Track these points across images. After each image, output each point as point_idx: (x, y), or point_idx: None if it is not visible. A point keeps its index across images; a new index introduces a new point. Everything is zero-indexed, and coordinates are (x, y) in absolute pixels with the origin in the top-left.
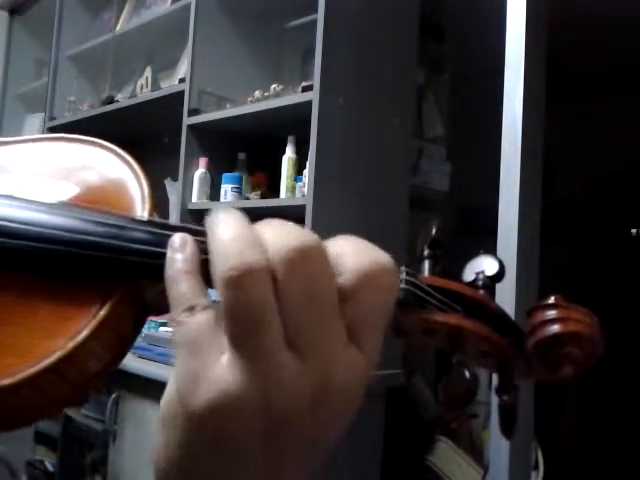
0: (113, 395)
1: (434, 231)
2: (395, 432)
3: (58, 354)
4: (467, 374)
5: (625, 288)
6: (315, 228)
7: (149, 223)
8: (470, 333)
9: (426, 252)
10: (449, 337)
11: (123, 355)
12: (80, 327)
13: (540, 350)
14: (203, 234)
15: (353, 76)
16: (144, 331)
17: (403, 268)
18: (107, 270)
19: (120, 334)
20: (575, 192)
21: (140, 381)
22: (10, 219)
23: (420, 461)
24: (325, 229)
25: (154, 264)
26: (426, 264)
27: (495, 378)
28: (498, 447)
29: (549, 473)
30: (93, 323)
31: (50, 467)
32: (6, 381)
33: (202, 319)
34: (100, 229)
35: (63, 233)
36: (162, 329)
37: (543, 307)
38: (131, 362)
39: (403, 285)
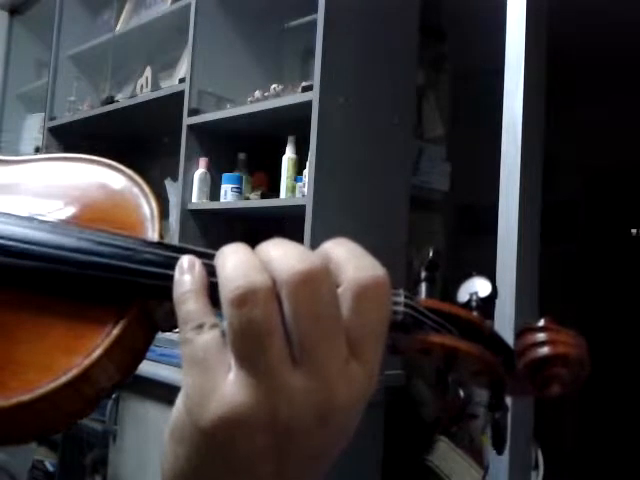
0: (113, 395)
1: (431, 254)
2: (395, 432)
3: (75, 371)
4: (462, 394)
5: (625, 288)
6: (315, 228)
7: (159, 245)
8: (464, 353)
9: (423, 274)
10: (444, 357)
11: (133, 371)
12: (95, 345)
13: (530, 370)
14: (210, 256)
15: (353, 76)
16: None
17: (401, 291)
18: (120, 291)
19: (132, 351)
20: (575, 192)
21: (140, 381)
22: (27, 240)
23: (420, 461)
24: (325, 229)
25: (164, 285)
26: (423, 286)
27: (487, 395)
28: None
29: (549, 473)
30: (107, 341)
31: (50, 467)
32: (25, 397)
33: (210, 337)
34: (112, 251)
35: (77, 255)
36: None
37: (533, 330)
38: None
39: (402, 308)
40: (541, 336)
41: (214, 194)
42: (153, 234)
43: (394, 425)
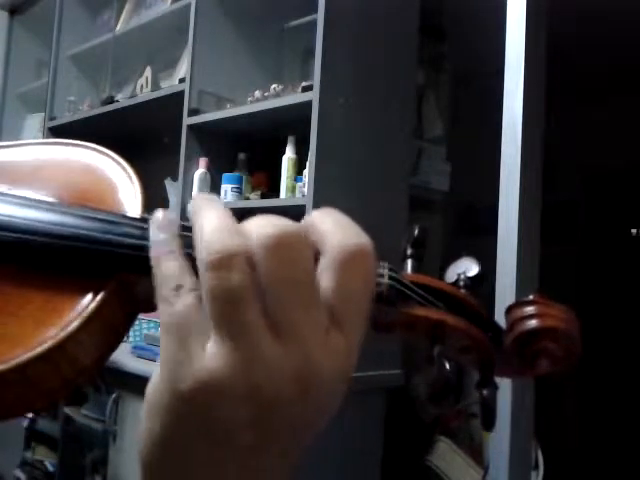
0: (113, 395)
1: (416, 231)
2: (395, 432)
3: (50, 343)
4: (447, 366)
5: (625, 288)
6: None
7: (140, 220)
8: (451, 328)
9: (409, 251)
10: (430, 332)
11: (112, 350)
12: (72, 318)
13: (518, 345)
14: (189, 229)
15: (353, 76)
16: (144, 331)
17: (386, 264)
18: (99, 263)
19: (111, 327)
20: (575, 192)
21: (140, 381)
22: (8, 215)
23: (420, 461)
24: None
25: (144, 257)
26: (409, 263)
27: (476, 374)
28: (498, 447)
29: (549, 473)
30: (85, 314)
31: (50, 467)
32: None
33: (189, 303)
34: (92, 224)
35: (56, 227)
36: None
37: (521, 304)
38: (131, 362)
39: (386, 280)
40: (529, 309)
41: (214, 194)
42: (136, 212)
43: (394, 425)
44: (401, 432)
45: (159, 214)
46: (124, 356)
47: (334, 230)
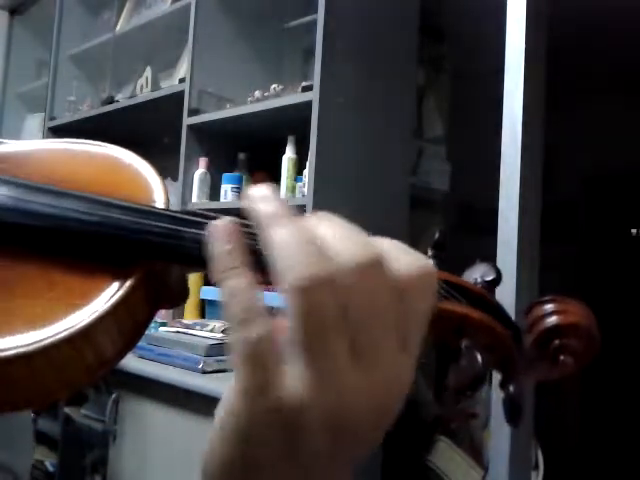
0: (113, 395)
1: (437, 235)
2: (395, 432)
3: (76, 327)
4: (478, 357)
5: (625, 288)
6: None
7: (168, 210)
8: (475, 322)
9: (430, 253)
10: (456, 326)
11: (133, 344)
12: (101, 302)
13: (540, 344)
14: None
15: (353, 76)
16: None
17: None
18: (128, 250)
19: (135, 317)
20: (575, 192)
21: (140, 381)
22: (37, 202)
23: (420, 461)
24: None
25: (173, 245)
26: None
27: (497, 375)
28: (498, 447)
29: (549, 473)
30: (112, 301)
31: (50, 467)
32: (21, 350)
33: (264, 328)
34: (120, 212)
35: (87, 216)
36: (162, 329)
37: (541, 302)
38: (131, 362)
39: None
40: (549, 307)
41: (214, 194)
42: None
43: (394, 425)
44: (401, 432)
45: (218, 222)
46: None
47: (398, 253)
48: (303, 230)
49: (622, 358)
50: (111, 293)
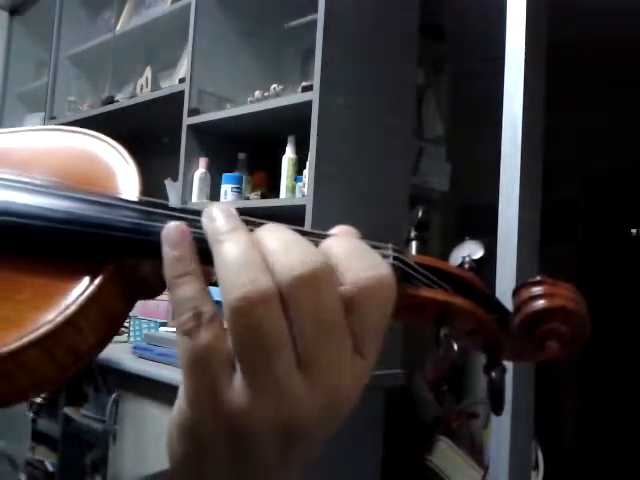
0: (113, 395)
1: (420, 213)
2: (395, 432)
3: (46, 328)
4: (455, 346)
5: (625, 288)
6: (315, 228)
7: (137, 202)
8: (458, 309)
9: (413, 234)
10: (437, 314)
11: (111, 336)
12: (69, 302)
13: (526, 326)
14: (191, 213)
15: (353, 76)
16: (144, 331)
17: (390, 245)
18: (95, 247)
19: (108, 313)
20: (575, 192)
21: (140, 381)
22: (4, 200)
23: (420, 461)
24: (325, 229)
25: (141, 240)
26: (413, 245)
27: (483, 358)
28: (498, 447)
29: (549, 473)
30: (82, 299)
31: (50, 467)
32: None
33: (211, 334)
34: (88, 206)
35: (51, 211)
36: (162, 329)
37: (529, 284)
38: (131, 362)
39: (390, 261)
40: (537, 289)
41: (214, 194)
42: (133, 196)
43: (394, 425)
44: (401, 432)
45: (170, 226)
46: (124, 356)
47: (352, 260)
48: (246, 247)
49: (622, 357)
50: (80, 292)
